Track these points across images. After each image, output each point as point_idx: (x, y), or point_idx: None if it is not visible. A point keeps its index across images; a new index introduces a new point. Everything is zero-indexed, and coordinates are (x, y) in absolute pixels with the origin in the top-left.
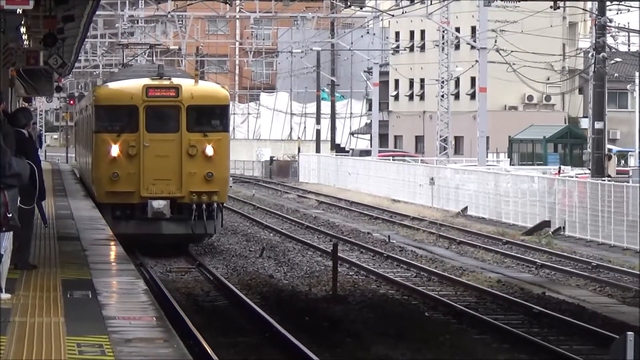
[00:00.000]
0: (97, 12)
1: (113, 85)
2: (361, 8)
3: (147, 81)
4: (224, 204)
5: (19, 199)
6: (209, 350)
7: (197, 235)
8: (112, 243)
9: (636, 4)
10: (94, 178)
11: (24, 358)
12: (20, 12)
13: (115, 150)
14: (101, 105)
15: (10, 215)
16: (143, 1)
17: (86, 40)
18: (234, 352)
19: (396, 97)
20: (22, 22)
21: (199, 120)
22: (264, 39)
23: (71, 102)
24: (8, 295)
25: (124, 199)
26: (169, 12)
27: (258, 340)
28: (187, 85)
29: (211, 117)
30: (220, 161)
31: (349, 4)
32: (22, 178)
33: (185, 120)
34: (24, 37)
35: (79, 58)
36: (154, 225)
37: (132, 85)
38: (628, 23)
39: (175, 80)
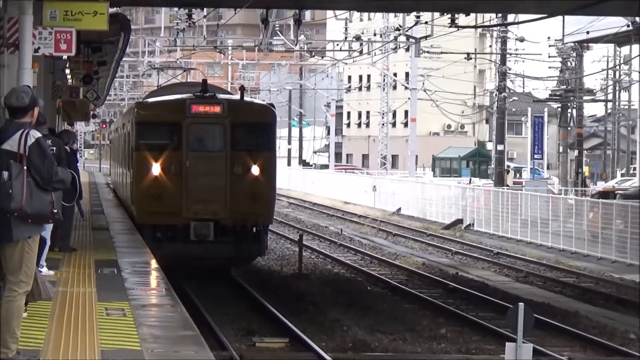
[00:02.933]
0: (123, 59)
1: (154, 101)
2: (322, 57)
3: (190, 97)
4: (269, 226)
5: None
6: (206, 315)
7: (241, 258)
8: (133, 232)
9: (529, 56)
10: (134, 198)
11: (65, 318)
12: (65, 58)
13: (156, 169)
14: (142, 122)
15: (56, 211)
16: (158, 50)
17: (115, 79)
18: (227, 318)
19: (348, 125)
20: (67, 65)
21: (244, 138)
22: (249, 80)
23: (104, 125)
24: (52, 272)
25: (165, 220)
26: (178, 59)
27: (244, 308)
28: (233, 101)
29: (257, 135)
30: (266, 181)
31: (313, 54)
32: (65, 183)
33: (231, 138)
34: (68, 76)
35: (110, 93)
36: (197, 247)
37: (175, 101)
38: (523, 70)
39: (220, 96)
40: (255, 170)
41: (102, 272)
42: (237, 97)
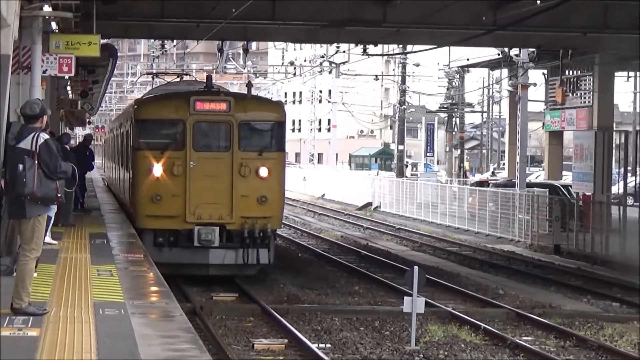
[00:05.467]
0: (112, 79)
1: (155, 97)
2: (265, 78)
3: (194, 93)
4: (277, 231)
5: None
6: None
7: (248, 265)
8: (119, 212)
9: (425, 77)
10: (134, 201)
11: (65, 277)
12: (67, 77)
13: (158, 170)
14: (142, 120)
15: (60, 195)
16: (139, 72)
17: (105, 94)
18: (191, 278)
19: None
20: (68, 83)
21: (252, 137)
22: None
23: (96, 130)
24: (55, 242)
25: (167, 224)
26: (153, 79)
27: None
28: (240, 98)
29: (266, 135)
30: (274, 183)
31: (257, 76)
32: (67, 173)
33: (238, 137)
34: (69, 92)
35: (101, 105)
36: (201, 254)
37: (178, 97)
38: (419, 88)
39: (227, 92)
40: (263, 171)
41: (94, 242)
42: (245, 93)
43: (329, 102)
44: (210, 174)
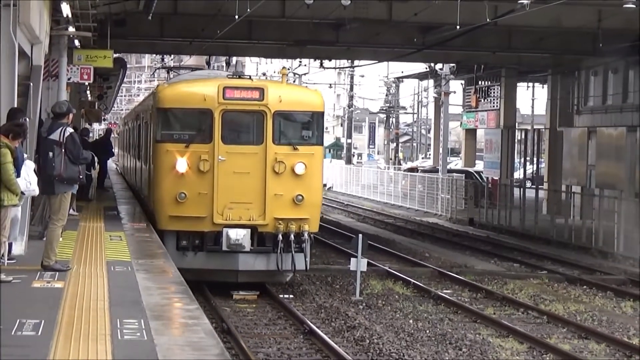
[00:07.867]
0: (122, 85)
1: (181, 84)
2: None
3: (223, 80)
4: (315, 235)
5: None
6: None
7: (282, 272)
8: (126, 190)
9: (368, 86)
10: (155, 199)
11: (84, 241)
12: (87, 84)
13: (182, 165)
14: (166, 109)
15: (81, 177)
16: (144, 80)
17: (117, 97)
18: None
19: None
20: (87, 88)
21: (288, 129)
22: None
23: (109, 125)
24: (77, 213)
25: (192, 226)
26: (157, 86)
27: None
28: (274, 86)
29: (303, 127)
30: (312, 181)
31: None
32: (87, 160)
33: (272, 130)
34: (88, 95)
35: (114, 105)
36: (230, 259)
37: (206, 84)
38: (364, 94)
39: (259, 80)
40: (300, 168)
41: (107, 214)
42: (279, 81)
43: None
44: (241, 170)
